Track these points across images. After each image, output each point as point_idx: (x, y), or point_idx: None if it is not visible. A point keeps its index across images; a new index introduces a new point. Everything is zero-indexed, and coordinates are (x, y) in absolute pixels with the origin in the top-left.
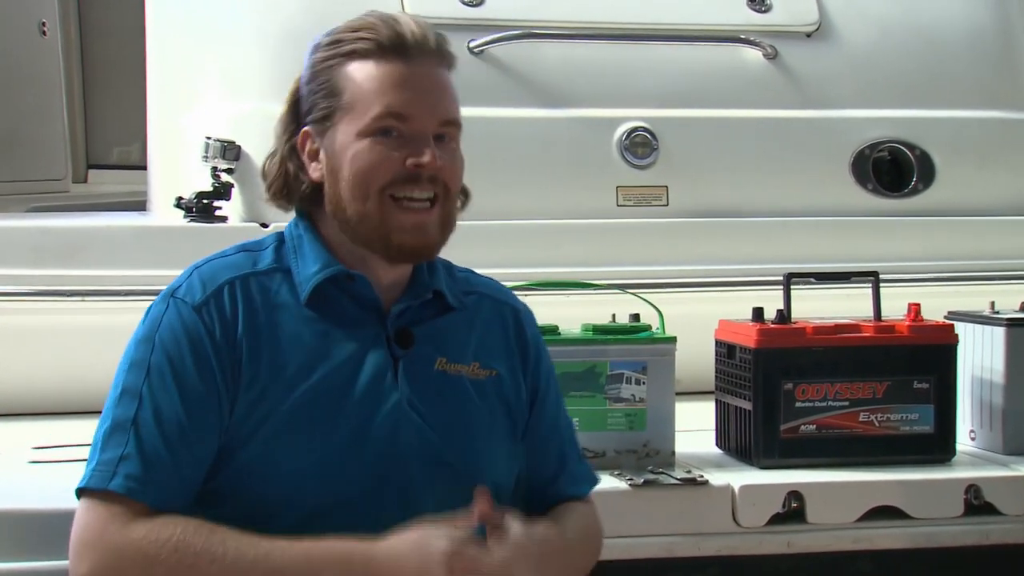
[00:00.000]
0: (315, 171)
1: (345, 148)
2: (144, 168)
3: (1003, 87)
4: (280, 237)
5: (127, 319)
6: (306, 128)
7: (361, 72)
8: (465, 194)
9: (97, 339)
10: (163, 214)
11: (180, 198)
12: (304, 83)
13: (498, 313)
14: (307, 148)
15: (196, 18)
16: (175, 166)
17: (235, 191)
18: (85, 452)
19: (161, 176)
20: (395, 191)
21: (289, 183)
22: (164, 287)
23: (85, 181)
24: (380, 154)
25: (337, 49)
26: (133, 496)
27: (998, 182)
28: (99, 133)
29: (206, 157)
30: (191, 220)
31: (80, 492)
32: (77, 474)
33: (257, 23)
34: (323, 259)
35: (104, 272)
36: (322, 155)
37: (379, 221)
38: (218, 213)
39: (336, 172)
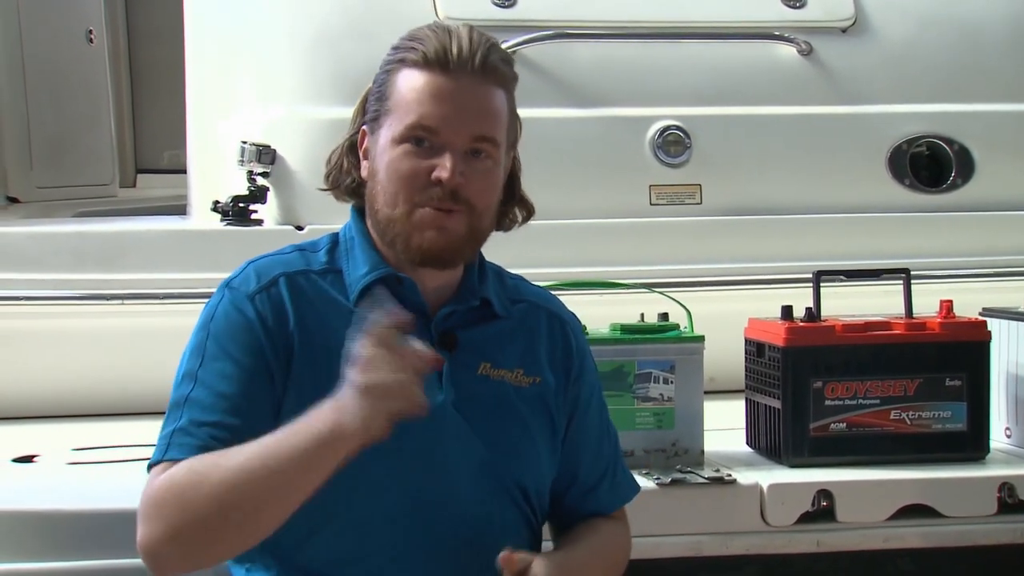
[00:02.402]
0: (364, 169)
1: (383, 151)
2: (186, 172)
3: None
4: (334, 238)
5: (164, 322)
6: (364, 127)
7: (406, 81)
8: (528, 210)
9: (135, 342)
10: (201, 218)
11: (217, 202)
12: (374, 83)
13: (546, 323)
14: (363, 146)
15: (232, 24)
16: (213, 170)
17: (270, 194)
18: (124, 454)
19: (200, 180)
20: (419, 199)
21: (341, 176)
22: (201, 290)
23: (134, 185)
24: (409, 162)
25: (395, 55)
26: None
27: None
28: (148, 138)
29: (242, 161)
30: (227, 224)
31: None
32: (116, 475)
33: (291, 28)
34: (372, 261)
35: (142, 276)
36: (369, 155)
37: (403, 223)
38: (254, 216)
39: (375, 173)
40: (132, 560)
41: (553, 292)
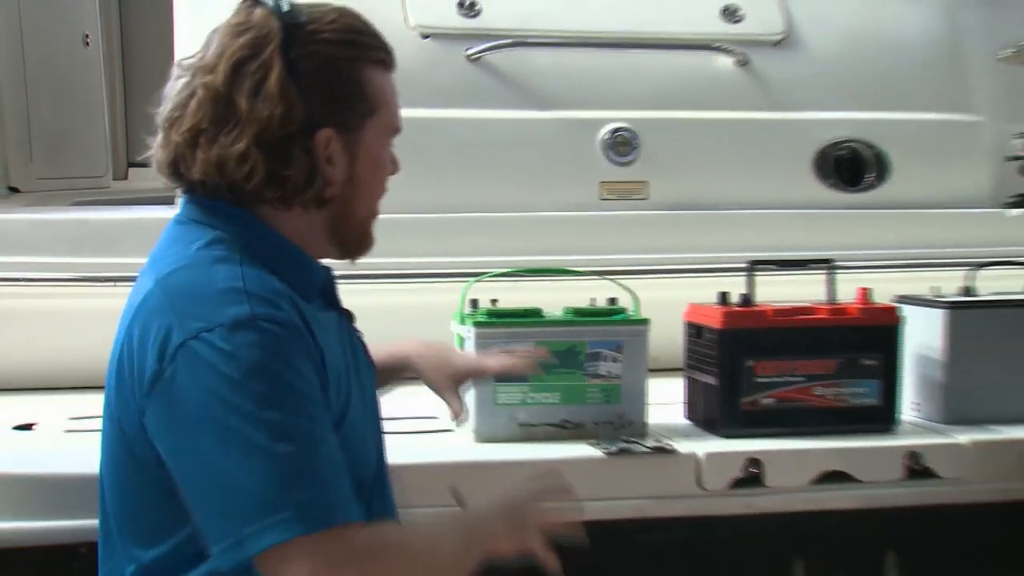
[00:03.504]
0: (332, 172)
1: (369, 153)
2: None
3: (953, 92)
4: (229, 244)
5: None
6: (329, 129)
7: (380, 80)
8: None
9: None
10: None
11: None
12: (312, 70)
13: None
14: (327, 149)
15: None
16: None
17: None
18: None
19: None
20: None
21: (306, 182)
22: None
23: (126, 178)
24: (387, 166)
25: (358, 50)
26: (341, 520)
27: (946, 178)
28: (140, 134)
29: None
30: None
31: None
32: None
33: None
34: (306, 258)
35: (133, 260)
36: (342, 158)
37: (370, 222)
38: None
39: (358, 175)
40: None
41: (512, 278)
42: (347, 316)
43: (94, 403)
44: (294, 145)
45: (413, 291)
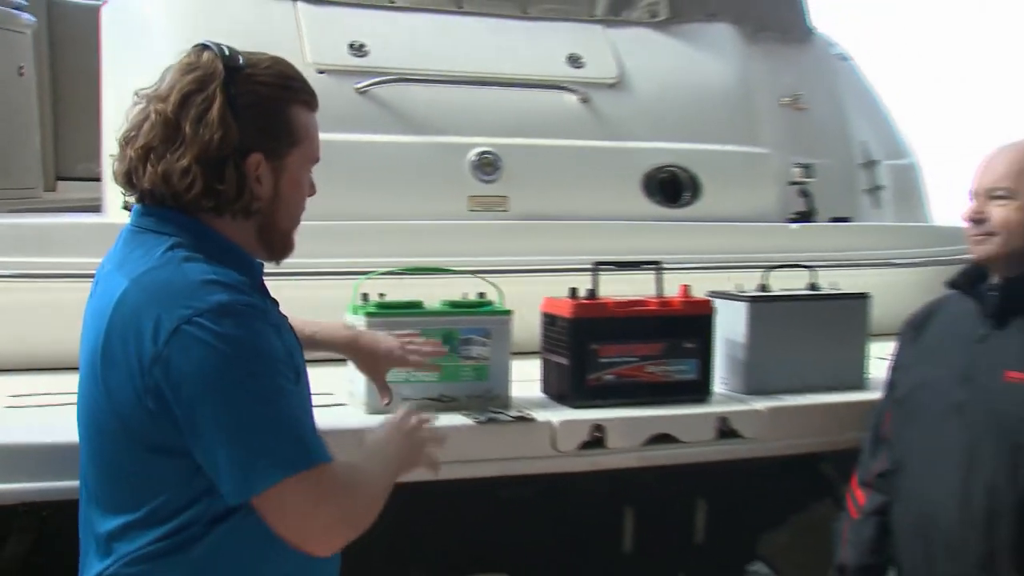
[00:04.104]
0: (260, 190)
1: (293, 177)
2: (99, 180)
3: (747, 129)
4: (188, 246)
5: (83, 298)
6: (259, 154)
7: (304, 118)
8: None
9: (59, 314)
10: (113, 215)
11: (127, 202)
12: (247, 105)
13: None
14: (258, 170)
15: (138, 61)
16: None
17: None
18: (50, 400)
19: (112, 186)
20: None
21: (239, 195)
22: None
23: (54, 190)
24: (306, 189)
25: (284, 93)
26: (326, 459)
27: (744, 198)
28: (67, 152)
29: None
30: None
31: (269, 485)
32: (47, 417)
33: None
34: (245, 255)
35: (65, 259)
36: (268, 178)
37: (292, 233)
38: None
39: (281, 194)
40: (60, 483)
41: (397, 276)
42: (275, 304)
43: (32, 384)
44: (228, 165)
45: (315, 287)
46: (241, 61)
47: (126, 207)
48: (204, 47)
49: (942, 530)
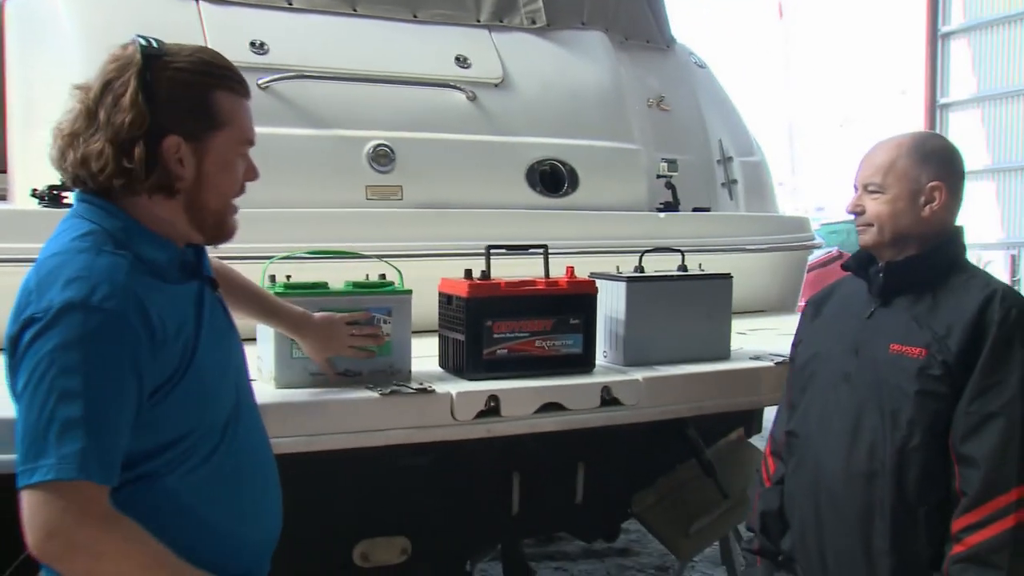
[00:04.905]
0: (181, 171)
1: (218, 158)
2: (4, 172)
3: (619, 126)
4: (102, 230)
5: None
6: (176, 136)
7: (230, 102)
8: None
9: None
10: (22, 203)
11: (35, 190)
12: (164, 89)
13: None
14: (177, 152)
15: (41, 56)
16: (31, 169)
17: None
18: None
19: (20, 175)
20: (236, 194)
21: (129, 174)
22: (22, 256)
23: None
24: (238, 171)
25: (207, 79)
26: (101, 482)
27: (618, 189)
28: None
29: None
30: (44, 206)
31: (35, 485)
32: None
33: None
34: (162, 240)
35: None
36: (190, 160)
37: (224, 213)
38: (65, 201)
39: (206, 175)
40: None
41: (303, 260)
42: (211, 284)
43: None
44: (138, 146)
45: None
46: (162, 51)
47: (34, 194)
48: (132, 41)
49: (829, 487)
